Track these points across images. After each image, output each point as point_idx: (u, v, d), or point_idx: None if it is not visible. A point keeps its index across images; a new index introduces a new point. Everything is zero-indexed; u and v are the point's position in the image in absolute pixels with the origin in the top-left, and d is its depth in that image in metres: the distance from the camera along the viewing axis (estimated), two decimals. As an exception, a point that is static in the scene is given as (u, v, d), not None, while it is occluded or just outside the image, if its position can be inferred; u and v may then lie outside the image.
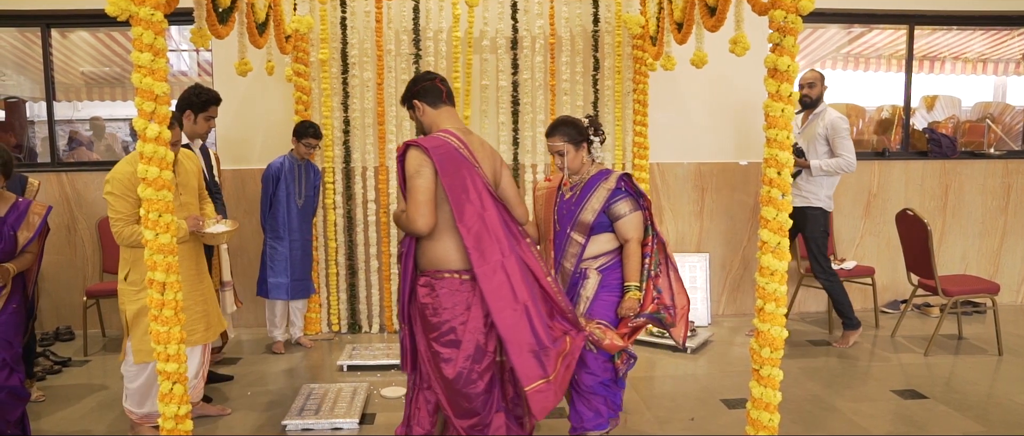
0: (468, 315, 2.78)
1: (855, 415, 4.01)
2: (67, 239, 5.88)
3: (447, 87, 2.99)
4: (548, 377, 2.79)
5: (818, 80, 5.27)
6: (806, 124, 5.32)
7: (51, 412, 4.22)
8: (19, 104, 6.87)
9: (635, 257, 3.24)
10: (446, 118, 2.95)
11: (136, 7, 2.73)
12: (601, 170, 3.33)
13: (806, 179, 5.22)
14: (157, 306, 2.93)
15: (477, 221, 2.75)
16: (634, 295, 3.20)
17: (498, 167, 2.99)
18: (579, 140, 3.27)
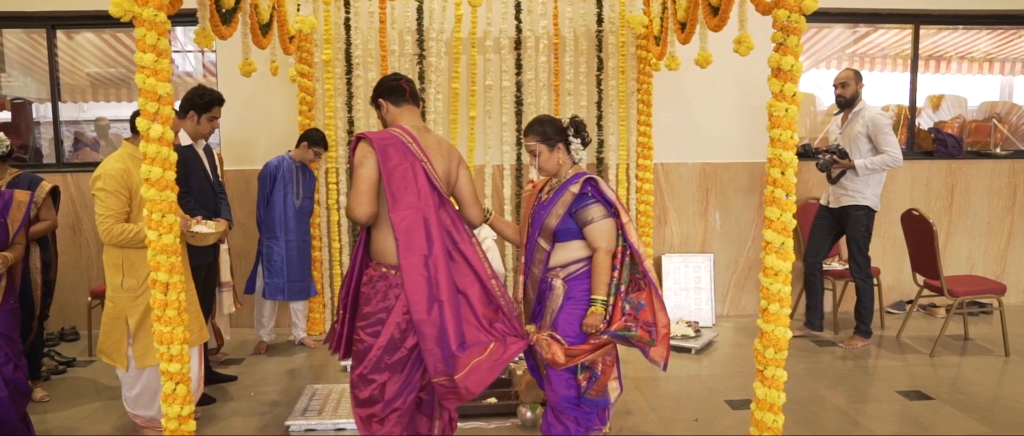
0: (394, 306, 2.84)
1: (860, 416, 3.99)
2: (72, 240, 5.90)
3: (412, 88, 3.05)
4: (452, 376, 2.82)
5: (851, 79, 5.21)
6: (846, 124, 5.28)
7: (56, 412, 4.23)
8: (25, 105, 6.89)
9: (601, 268, 3.01)
10: (405, 116, 3.02)
11: (139, 8, 2.74)
12: (577, 173, 3.11)
13: (851, 178, 5.17)
14: (160, 306, 2.93)
15: (411, 213, 2.80)
16: (597, 310, 2.98)
17: (454, 167, 3.01)
18: (554, 140, 3.10)
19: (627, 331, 3.00)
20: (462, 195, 3.05)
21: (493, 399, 4.03)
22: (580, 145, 3.15)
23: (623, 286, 3.04)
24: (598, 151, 5.82)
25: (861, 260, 5.24)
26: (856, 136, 5.15)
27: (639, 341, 3.04)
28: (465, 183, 3.05)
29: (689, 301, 5.93)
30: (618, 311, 3.02)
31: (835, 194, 5.31)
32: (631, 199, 5.87)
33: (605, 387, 3.15)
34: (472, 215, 3.07)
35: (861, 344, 5.27)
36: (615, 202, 3.04)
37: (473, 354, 2.83)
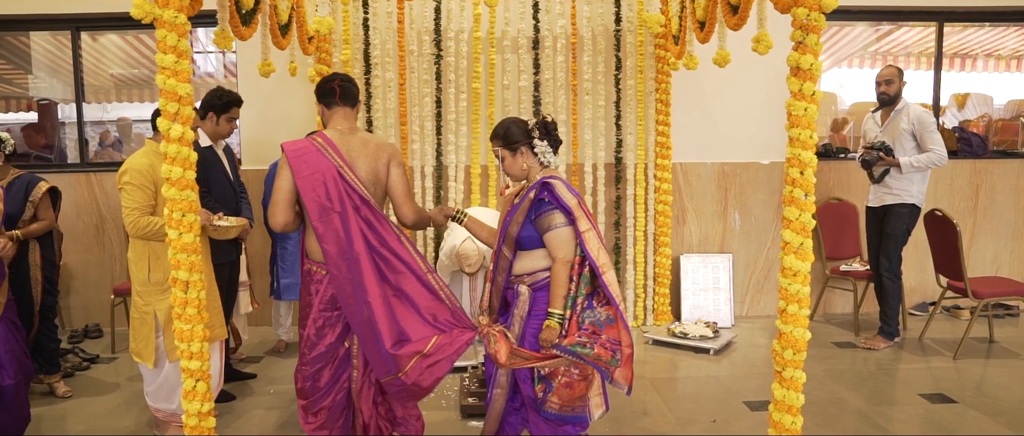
0: (313, 301, 3.01)
1: (881, 419, 3.95)
2: (95, 238, 5.98)
3: (345, 88, 3.10)
4: (397, 374, 2.88)
5: (895, 76, 5.12)
6: (888, 121, 5.18)
7: (79, 408, 4.29)
8: (51, 106, 7.00)
9: (557, 280, 2.86)
10: (335, 118, 3.10)
11: (160, 10, 2.77)
12: (543, 177, 2.94)
13: (895, 176, 5.09)
14: (181, 305, 2.97)
15: (329, 217, 2.88)
16: (551, 324, 2.83)
17: (382, 166, 3.04)
18: (517, 144, 2.97)
19: (580, 348, 2.84)
20: (392, 193, 3.09)
21: (510, 399, 4.02)
22: (548, 147, 2.99)
23: (579, 299, 2.89)
24: (616, 151, 5.80)
25: (893, 257, 5.15)
26: (900, 134, 5.05)
27: (595, 359, 2.86)
28: (396, 181, 3.07)
29: (708, 301, 5.90)
30: (573, 325, 2.88)
31: (878, 193, 5.23)
32: (649, 199, 5.84)
33: (580, 404, 3.00)
34: (403, 213, 3.10)
35: (883, 345, 5.20)
36: (573, 209, 2.86)
37: (414, 349, 2.88)
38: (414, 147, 5.70)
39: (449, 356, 2.92)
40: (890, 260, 5.16)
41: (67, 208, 5.90)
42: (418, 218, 3.14)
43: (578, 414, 3.01)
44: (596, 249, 2.85)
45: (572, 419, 3.00)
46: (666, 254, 5.84)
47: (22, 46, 6.89)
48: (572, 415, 3.00)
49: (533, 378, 2.98)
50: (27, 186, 4.28)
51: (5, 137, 4.29)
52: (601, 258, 2.86)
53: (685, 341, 5.25)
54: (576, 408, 2.99)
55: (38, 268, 4.33)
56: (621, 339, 2.90)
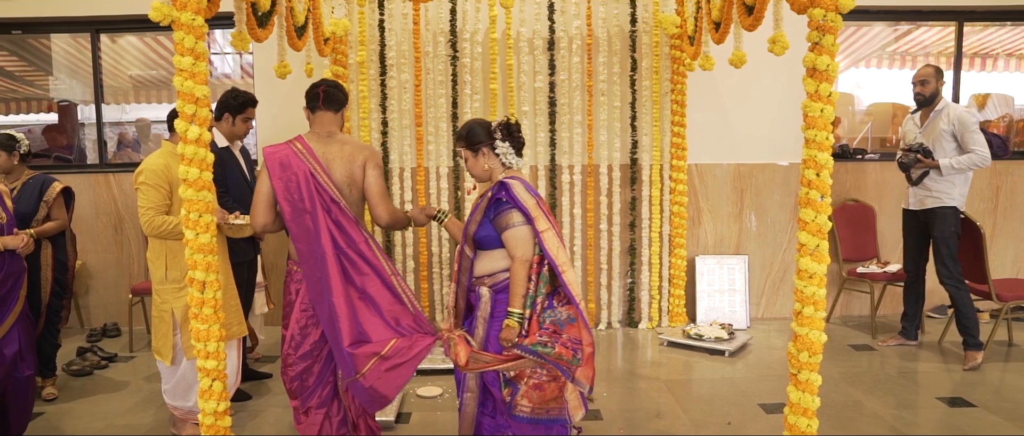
0: (295, 301, 3.11)
1: (897, 422, 3.91)
2: (114, 238, 6.04)
3: (329, 93, 3.19)
4: (354, 375, 2.92)
5: (931, 76, 4.94)
6: (927, 122, 5.00)
7: (98, 406, 4.34)
8: (71, 107, 7.08)
9: (516, 279, 2.86)
10: (316, 122, 3.20)
11: (178, 12, 2.79)
12: (504, 177, 2.95)
13: (935, 179, 4.92)
14: (198, 304, 2.99)
15: (301, 218, 2.99)
16: (511, 324, 2.82)
17: (357, 169, 3.11)
18: (478, 146, 2.99)
19: (541, 347, 2.84)
20: (367, 194, 3.15)
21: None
22: (510, 149, 2.99)
23: (538, 298, 2.89)
24: (632, 152, 5.79)
25: (950, 264, 4.89)
26: (940, 135, 4.89)
27: (557, 359, 2.84)
28: (372, 182, 3.14)
29: (723, 303, 5.88)
30: (534, 325, 2.88)
31: (918, 196, 5.05)
32: (665, 200, 5.83)
33: (555, 406, 2.96)
34: (377, 213, 3.15)
35: (980, 358, 4.87)
36: (530, 208, 2.86)
37: (372, 350, 2.91)
38: (429, 148, 5.71)
39: (408, 361, 2.95)
40: (948, 267, 4.89)
41: (86, 208, 5.97)
42: (392, 219, 3.19)
43: (555, 416, 2.98)
44: (555, 248, 2.86)
45: (548, 422, 2.97)
46: (681, 255, 5.82)
47: (43, 48, 6.97)
48: (547, 418, 2.97)
49: (500, 382, 2.97)
50: (41, 186, 4.33)
51: (20, 138, 4.35)
52: (560, 257, 2.86)
53: (700, 343, 5.23)
54: (551, 410, 2.96)
55: (49, 268, 4.37)
56: (582, 338, 2.89)
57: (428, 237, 5.78)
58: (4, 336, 3.61)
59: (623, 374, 4.79)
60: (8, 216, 3.78)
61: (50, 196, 4.34)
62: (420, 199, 5.73)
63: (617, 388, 4.50)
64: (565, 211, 5.79)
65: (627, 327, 5.92)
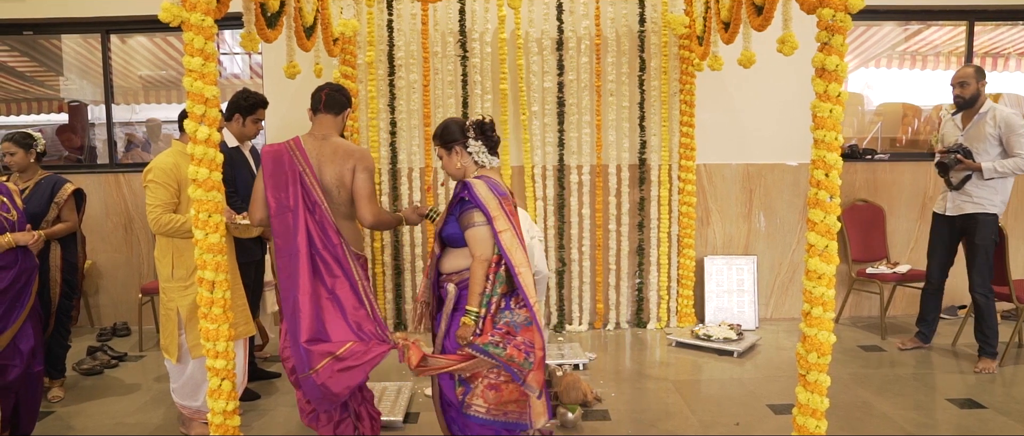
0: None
1: (907, 423, 3.90)
2: (124, 238, 6.07)
3: (330, 96, 3.31)
4: (308, 370, 3.00)
5: (971, 77, 4.73)
6: (970, 125, 4.80)
7: (108, 405, 4.36)
8: (81, 107, 7.13)
9: (474, 278, 2.89)
10: (317, 124, 3.31)
11: (187, 13, 2.81)
12: (475, 175, 3.01)
13: (977, 184, 4.73)
14: (207, 304, 3.00)
15: (285, 216, 3.09)
16: (466, 321, 2.87)
17: (347, 171, 3.19)
18: (451, 144, 3.03)
19: (492, 347, 2.84)
20: (355, 195, 3.21)
21: (532, 400, 4.03)
22: (482, 148, 3.02)
23: (494, 298, 2.90)
24: (640, 152, 5.78)
25: (985, 272, 4.76)
26: (985, 138, 4.72)
27: (508, 360, 2.85)
28: (360, 185, 3.20)
29: (731, 303, 5.86)
30: (488, 324, 2.89)
31: (956, 201, 4.84)
32: (673, 200, 5.82)
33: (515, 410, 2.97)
34: (362, 213, 3.22)
35: (994, 367, 4.80)
36: (490, 208, 2.88)
37: (327, 349, 2.99)
38: (438, 148, 5.71)
39: (362, 365, 3.01)
40: (982, 276, 4.77)
41: (96, 208, 6.01)
42: (376, 220, 3.25)
43: (514, 420, 2.98)
44: (512, 249, 2.87)
45: (504, 424, 2.98)
46: (690, 256, 5.81)
47: (53, 48, 7.01)
48: (505, 420, 2.98)
49: (454, 381, 3.00)
50: (53, 187, 4.34)
51: (37, 137, 4.37)
52: (516, 257, 2.87)
53: (709, 343, 5.22)
54: (509, 414, 2.97)
55: (58, 269, 4.38)
56: (535, 342, 2.89)
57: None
58: (19, 331, 3.65)
59: (631, 374, 4.79)
60: (19, 213, 3.81)
61: (61, 197, 4.35)
62: (428, 199, 5.74)
63: (625, 388, 4.50)
64: (574, 211, 5.79)
65: (635, 327, 5.91)
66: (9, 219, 3.71)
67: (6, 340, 3.59)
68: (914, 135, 7.27)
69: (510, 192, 3.10)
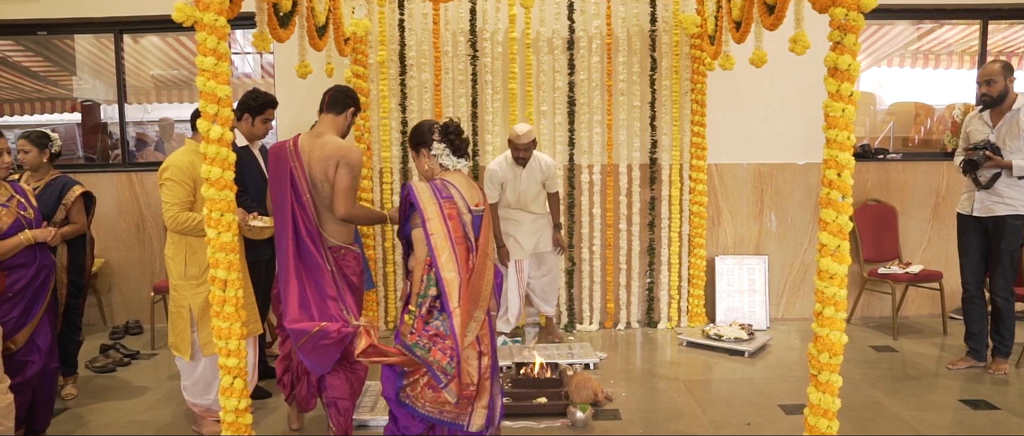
0: None
1: (919, 424, 3.88)
2: (136, 237, 6.11)
3: (333, 96, 3.62)
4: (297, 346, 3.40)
5: (998, 74, 4.53)
6: (1001, 123, 4.58)
7: (120, 402, 4.40)
8: (94, 107, 7.17)
9: (413, 277, 3.02)
10: (319, 123, 3.62)
11: (200, 13, 2.82)
12: (438, 178, 3.09)
13: (1008, 183, 4.53)
14: (219, 302, 3.02)
15: (279, 209, 3.43)
16: (406, 318, 2.99)
17: (331, 167, 3.41)
18: (418, 146, 3.13)
19: (417, 347, 2.94)
20: (334, 190, 3.43)
21: (543, 399, 4.03)
22: (446, 150, 3.09)
23: (426, 300, 2.97)
24: (651, 152, 5.77)
25: (1010, 276, 4.62)
26: (1019, 135, 4.50)
27: (431, 363, 2.93)
28: (339, 180, 3.41)
29: (743, 303, 5.85)
30: (420, 324, 2.97)
31: (985, 202, 4.63)
32: (684, 200, 5.80)
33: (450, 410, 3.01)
34: (336, 206, 3.43)
35: (1006, 367, 4.74)
36: (426, 210, 2.95)
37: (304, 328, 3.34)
38: (448, 147, 5.72)
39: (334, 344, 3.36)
40: (1007, 280, 4.64)
41: (109, 207, 6.05)
42: (348, 214, 3.44)
43: (449, 419, 3.03)
44: (440, 250, 2.92)
45: (438, 421, 3.04)
46: (701, 255, 5.80)
47: (66, 48, 7.06)
48: (439, 418, 3.03)
49: (396, 372, 3.08)
50: (62, 189, 4.34)
51: (54, 137, 4.39)
52: (441, 259, 2.92)
53: (719, 343, 5.21)
54: (445, 413, 3.02)
55: (64, 270, 4.38)
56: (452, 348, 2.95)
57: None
58: (37, 328, 3.69)
59: (642, 374, 4.78)
60: (35, 212, 3.84)
61: (69, 199, 4.34)
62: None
63: (636, 388, 4.49)
64: (584, 211, 5.78)
65: (646, 327, 5.90)
66: (27, 217, 3.74)
67: (25, 337, 3.63)
68: (926, 135, 7.22)
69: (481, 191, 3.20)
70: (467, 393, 2.99)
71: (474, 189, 3.14)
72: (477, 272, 3.03)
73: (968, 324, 4.90)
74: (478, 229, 3.08)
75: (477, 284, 3.03)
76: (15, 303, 3.63)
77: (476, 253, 3.04)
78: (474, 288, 3.02)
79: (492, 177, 5.05)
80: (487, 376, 3.07)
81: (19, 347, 3.61)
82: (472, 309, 3.01)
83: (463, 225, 3.02)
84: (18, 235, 3.64)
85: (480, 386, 3.04)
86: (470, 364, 3.01)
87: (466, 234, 3.03)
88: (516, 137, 4.92)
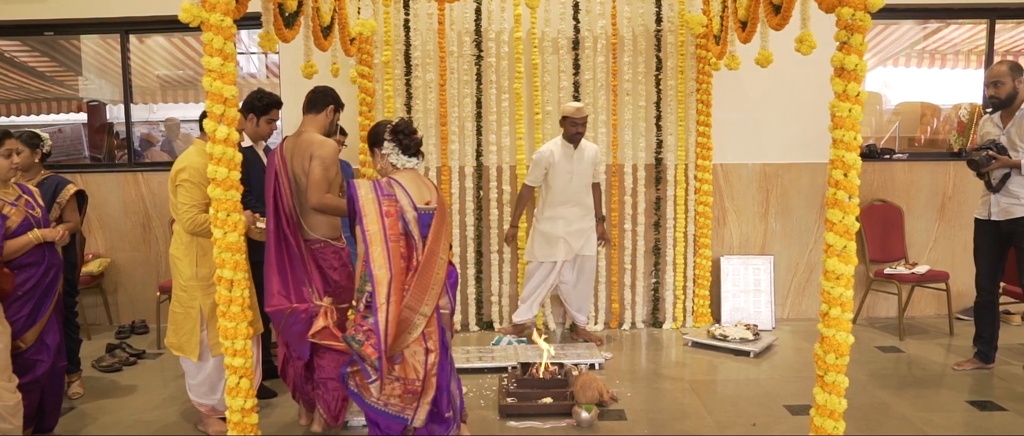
0: None
1: (925, 425, 3.86)
2: (142, 236, 6.12)
3: (311, 98, 3.87)
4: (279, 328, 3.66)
5: (1006, 76, 4.42)
6: (1011, 123, 4.48)
7: (126, 402, 4.41)
8: (100, 107, 7.19)
9: (356, 271, 3.23)
10: (302, 122, 3.87)
11: (207, 13, 2.83)
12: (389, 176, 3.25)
13: (1019, 182, 4.43)
14: (225, 302, 3.03)
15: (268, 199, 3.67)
16: (349, 312, 3.20)
17: (306, 162, 3.64)
18: (373, 146, 3.35)
19: (352, 339, 3.11)
20: (308, 181, 3.62)
21: (548, 399, 4.03)
22: (394, 149, 3.24)
23: (363, 296, 3.09)
24: (657, 152, 5.77)
25: None
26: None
27: (363, 357, 3.08)
28: (312, 172, 3.61)
29: (748, 304, 5.84)
30: (358, 318, 3.12)
31: (1001, 205, 4.51)
32: (690, 200, 5.80)
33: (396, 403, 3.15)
34: (309, 196, 3.61)
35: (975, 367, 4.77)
36: (363, 208, 3.09)
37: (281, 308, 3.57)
38: (453, 148, 5.72)
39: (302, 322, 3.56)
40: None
41: (115, 207, 6.07)
42: (320, 204, 3.61)
43: (394, 413, 3.17)
44: (372, 245, 3.05)
45: (383, 413, 3.17)
46: (706, 255, 5.79)
47: (73, 48, 7.09)
48: (383, 410, 3.17)
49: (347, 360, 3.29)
50: (55, 188, 4.35)
51: (45, 137, 4.42)
52: (372, 252, 3.05)
53: (725, 343, 5.20)
54: (390, 406, 3.17)
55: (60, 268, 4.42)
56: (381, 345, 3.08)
57: (451, 236, 5.79)
58: (45, 327, 3.70)
59: (647, 374, 4.78)
60: (42, 211, 3.85)
61: (63, 198, 4.35)
62: (445, 198, 5.74)
63: (641, 388, 4.49)
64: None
65: (651, 327, 5.90)
66: (35, 216, 3.76)
67: (34, 335, 3.65)
68: (933, 135, 7.20)
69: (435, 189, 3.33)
70: (412, 388, 3.13)
71: (425, 187, 3.24)
72: (422, 269, 3.12)
73: (978, 327, 4.83)
74: (427, 227, 3.16)
75: (424, 281, 3.12)
76: (24, 302, 3.64)
77: (423, 251, 3.13)
78: (420, 284, 3.11)
79: (539, 161, 5.07)
80: (433, 372, 3.17)
81: (28, 346, 3.63)
82: (417, 305, 3.11)
83: (405, 223, 3.12)
84: (27, 234, 3.65)
85: (426, 382, 3.14)
86: (416, 359, 3.12)
87: (407, 231, 3.13)
88: (572, 112, 4.94)
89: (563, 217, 5.13)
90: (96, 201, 6.03)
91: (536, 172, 5.10)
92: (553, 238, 5.13)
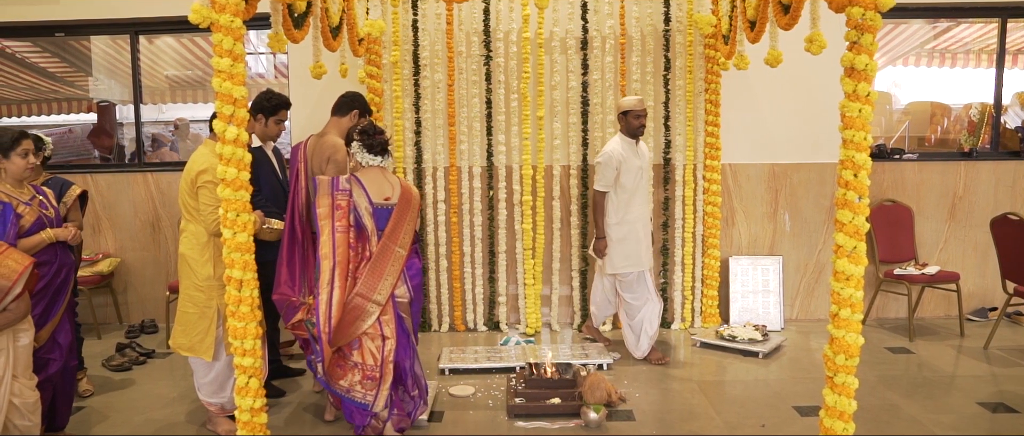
0: None
1: (936, 427, 3.84)
2: (152, 236, 6.15)
3: (339, 102, 4.23)
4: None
5: None
6: None
7: (136, 401, 4.43)
8: (110, 107, 7.23)
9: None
10: (328, 123, 4.23)
11: (216, 14, 2.84)
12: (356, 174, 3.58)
13: None
14: (235, 302, 3.04)
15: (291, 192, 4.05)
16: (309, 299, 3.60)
17: (323, 163, 4.02)
18: (347, 145, 3.64)
19: (309, 323, 3.53)
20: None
21: (557, 400, 4.03)
22: (360, 148, 3.54)
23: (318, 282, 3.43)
24: (665, 152, 5.75)
25: None
26: None
27: (314, 340, 3.49)
28: (327, 173, 3.89)
29: (757, 304, 5.82)
30: (315, 301, 3.45)
31: None
32: (698, 200, 5.78)
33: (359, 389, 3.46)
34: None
35: None
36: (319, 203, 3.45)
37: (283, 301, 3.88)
38: (462, 148, 5.72)
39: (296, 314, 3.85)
40: None
41: (124, 207, 6.09)
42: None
43: (357, 399, 3.46)
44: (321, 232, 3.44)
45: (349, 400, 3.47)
46: (715, 256, 5.78)
47: (83, 49, 7.12)
48: (347, 395, 3.47)
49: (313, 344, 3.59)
50: (60, 188, 4.38)
51: (46, 141, 4.44)
52: (321, 240, 3.43)
53: (733, 344, 5.19)
54: (353, 391, 3.46)
55: None
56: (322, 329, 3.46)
57: (460, 236, 5.80)
58: (57, 326, 3.72)
59: (656, 375, 4.77)
60: (55, 211, 3.87)
61: (69, 199, 4.37)
62: (452, 198, 5.75)
63: (649, 389, 4.48)
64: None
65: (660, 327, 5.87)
66: (48, 216, 3.77)
67: (47, 334, 3.67)
68: (943, 134, 7.16)
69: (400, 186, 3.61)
70: (370, 375, 3.42)
71: (387, 184, 3.56)
72: (375, 259, 3.45)
73: None
74: (384, 221, 3.49)
75: (377, 270, 3.44)
76: (37, 300, 3.66)
77: (378, 242, 3.46)
78: (373, 273, 3.43)
79: (608, 162, 4.79)
80: (390, 359, 3.43)
81: (41, 344, 3.64)
82: (370, 293, 3.41)
83: (357, 215, 3.45)
84: (40, 233, 3.67)
85: (383, 369, 3.41)
86: (373, 345, 3.39)
87: (360, 224, 3.45)
88: (634, 104, 4.80)
89: (640, 218, 4.92)
90: (106, 201, 6.06)
91: (607, 174, 4.80)
92: (634, 241, 4.88)
